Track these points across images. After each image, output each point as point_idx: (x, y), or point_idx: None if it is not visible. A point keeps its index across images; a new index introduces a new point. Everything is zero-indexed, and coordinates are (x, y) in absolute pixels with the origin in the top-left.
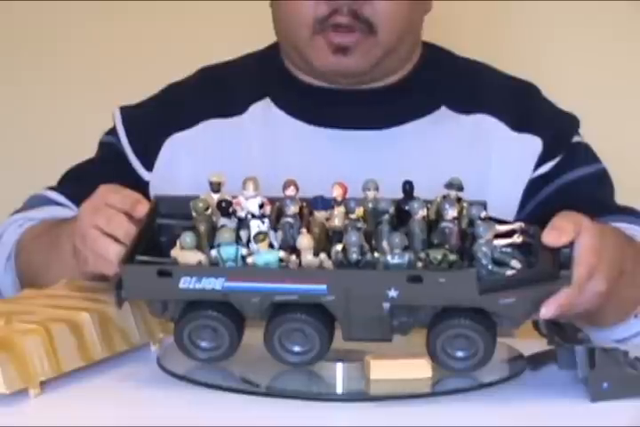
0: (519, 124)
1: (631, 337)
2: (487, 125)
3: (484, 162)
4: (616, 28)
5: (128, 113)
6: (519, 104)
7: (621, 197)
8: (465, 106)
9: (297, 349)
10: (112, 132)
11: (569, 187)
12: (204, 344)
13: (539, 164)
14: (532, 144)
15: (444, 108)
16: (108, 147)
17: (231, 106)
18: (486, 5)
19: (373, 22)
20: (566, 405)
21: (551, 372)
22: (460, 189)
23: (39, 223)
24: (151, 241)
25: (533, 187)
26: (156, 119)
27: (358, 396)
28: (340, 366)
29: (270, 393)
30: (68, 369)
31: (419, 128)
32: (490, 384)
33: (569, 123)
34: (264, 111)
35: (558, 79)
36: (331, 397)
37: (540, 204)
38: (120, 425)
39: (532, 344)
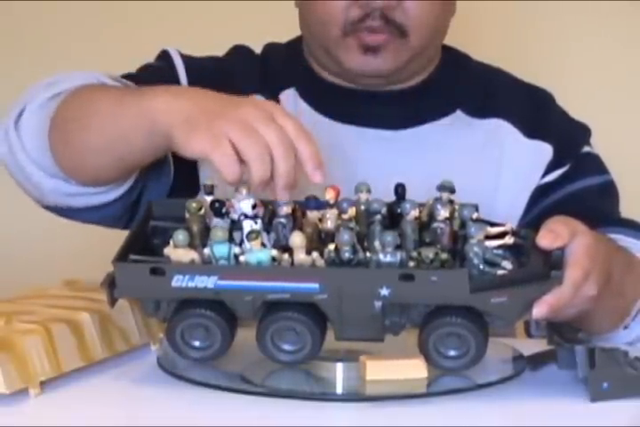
0: (532, 130)
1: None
2: (500, 130)
3: (495, 166)
4: (624, 29)
5: (188, 59)
6: (533, 111)
7: (628, 205)
8: (480, 110)
9: (289, 347)
10: (161, 63)
11: (573, 196)
12: (196, 343)
13: (547, 171)
14: (544, 151)
15: (459, 112)
16: (160, 70)
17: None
18: (490, 6)
19: (405, 26)
20: (566, 405)
21: (551, 372)
22: (452, 191)
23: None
24: (145, 243)
25: (539, 194)
26: (216, 78)
27: (357, 396)
28: (339, 367)
29: (270, 393)
30: (67, 369)
31: (434, 130)
32: (489, 384)
33: (580, 132)
34: (293, 99)
35: (567, 83)
36: (330, 397)
37: (543, 211)
38: (120, 425)
39: (532, 344)
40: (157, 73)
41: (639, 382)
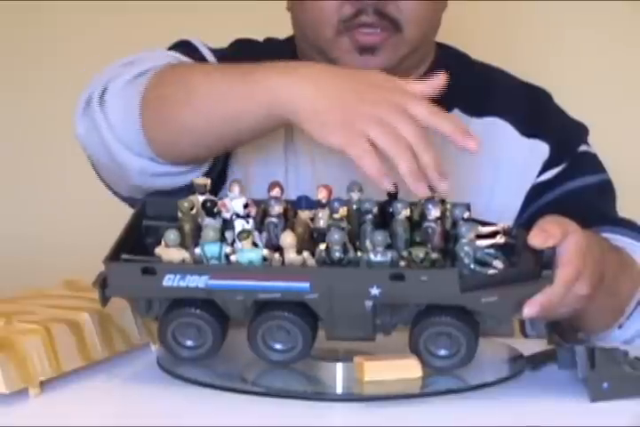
0: (529, 129)
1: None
2: (498, 129)
3: (492, 164)
4: (619, 28)
5: (214, 51)
6: (531, 110)
7: (626, 204)
8: (477, 109)
9: (280, 347)
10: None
11: (569, 195)
12: (187, 342)
13: (543, 170)
14: (540, 150)
15: (456, 111)
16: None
17: None
18: (489, 6)
19: (399, 20)
20: (566, 405)
21: (551, 372)
22: None
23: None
24: (137, 242)
25: (535, 192)
26: None
27: (354, 396)
28: (337, 367)
29: (268, 393)
30: (67, 369)
31: (430, 129)
32: (489, 384)
33: (577, 131)
34: None
35: (565, 82)
36: (327, 397)
37: (539, 210)
38: (120, 425)
39: (531, 344)
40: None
41: (639, 382)
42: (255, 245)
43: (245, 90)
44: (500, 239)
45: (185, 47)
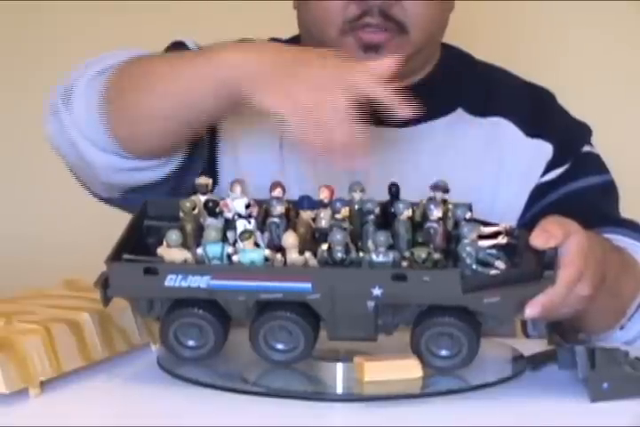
0: (533, 129)
1: None
2: (502, 129)
3: (496, 164)
4: (623, 28)
5: None
6: (534, 110)
7: (627, 205)
8: (481, 109)
9: (281, 347)
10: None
11: (572, 195)
12: (189, 342)
13: (547, 170)
14: (544, 150)
15: (460, 111)
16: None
17: None
18: (490, 6)
19: (404, 22)
20: (566, 405)
21: (551, 372)
22: (446, 191)
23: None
24: (139, 242)
25: (538, 192)
26: None
27: (355, 396)
28: (338, 367)
29: (269, 393)
30: (67, 369)
31: (434, 129)
32: (490, 384)
33: (580, 132)
34: None
35: (567, 82)
36: (328, 397)
37: (542, 210)
38: (120, 425)
39: (532, 344)
40: None
41: (639, 382)
42: (257, 245)
43: (200, 67)
44: (502, 240)
45: (177, 48)
